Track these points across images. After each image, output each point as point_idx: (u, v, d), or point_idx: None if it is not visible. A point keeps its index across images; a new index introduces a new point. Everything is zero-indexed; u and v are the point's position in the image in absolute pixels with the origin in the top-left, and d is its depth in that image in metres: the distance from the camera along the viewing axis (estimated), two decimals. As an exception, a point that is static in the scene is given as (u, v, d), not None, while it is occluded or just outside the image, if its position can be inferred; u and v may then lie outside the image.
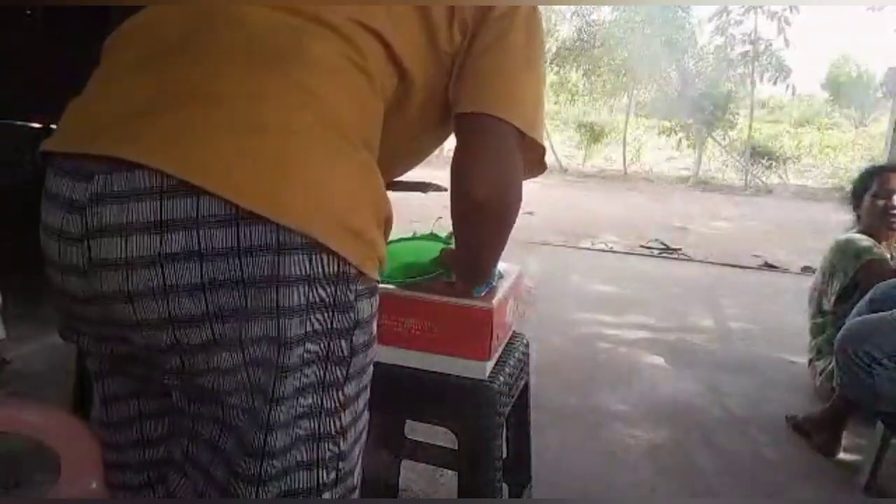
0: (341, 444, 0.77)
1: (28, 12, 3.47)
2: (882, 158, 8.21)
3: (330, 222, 0.70)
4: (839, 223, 2.94)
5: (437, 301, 1.15)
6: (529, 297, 3.99)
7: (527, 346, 1.43)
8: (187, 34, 0.76)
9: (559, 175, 14.29)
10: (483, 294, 1.17)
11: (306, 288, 0.69)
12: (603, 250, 6.22)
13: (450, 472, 1.86)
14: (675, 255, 6.17)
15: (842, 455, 2.18)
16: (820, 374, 2.71)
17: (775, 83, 15.57)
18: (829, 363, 2.55)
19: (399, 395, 1.22)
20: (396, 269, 1.18)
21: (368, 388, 0.83)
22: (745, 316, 4.13)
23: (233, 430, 0.74)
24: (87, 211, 0.69)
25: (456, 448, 1.24)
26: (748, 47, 15.05)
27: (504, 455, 1.36)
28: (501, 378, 1.20)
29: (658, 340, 3.48)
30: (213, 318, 0.69)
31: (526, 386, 1.44)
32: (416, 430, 1.74)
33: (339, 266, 0.71)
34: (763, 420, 2.52)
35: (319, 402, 0.73)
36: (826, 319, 2.74)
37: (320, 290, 0.71)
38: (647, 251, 6.29)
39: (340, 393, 0.75)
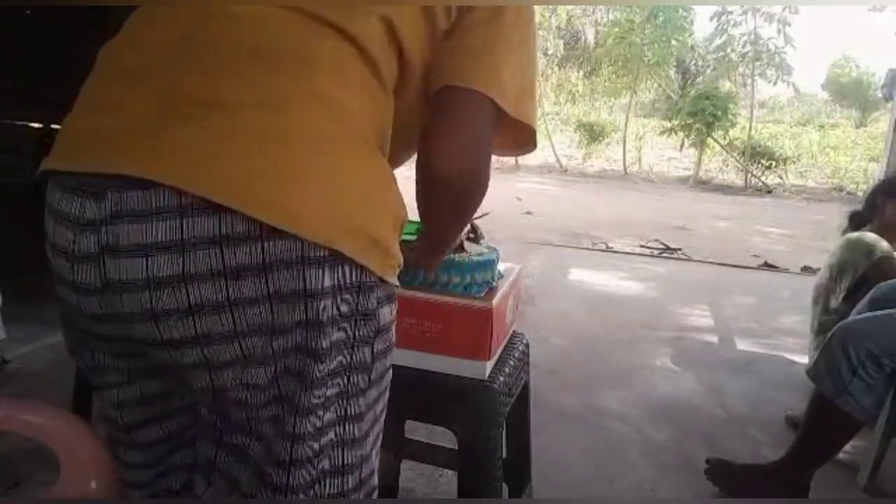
0: (365, 448, 0.78)
1: (28, 12, 3.47)
2: (882, 159, 8.19)
3: (352, 234, 0.70)
4: (840, 223, 2.93)
5: (437, 301, 1.15)
6: (529, 297, 3.99)
7: (527, 346, 1.43)
8: (187, 38, 0.73)
9: (559, 175, 14.29)
10: (483, 294, 1.17)
11: (332, 300, 0.69)
12: (603, 250, 6.22)
13: (450, 472, 1.86)
14: (675, 255, 6.16)
15: (842, 455, 2.17)
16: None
17: (776, 83, 15.57)
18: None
19: (399, 395, 1.21)
20: None
21: (388, 391, 0.84)
22: (745, 316, 4.12)
23: (261, 439, 0.74)
24: (102, 230, 0.67)
25: (456, 448, 1.24)
26: (749, 48, 15.03)
27: (504, 455, 1.36)
28: (501, 378, 1.20)
29: (658, 340, 3.48)
30: (241, 335, 0.68)
31: (526, 386, 1.44)
32: (416, 430, 1.74)
33: (361, 275, 0.71)
34: (763, 420, 2.52)
35: (344, 410, 0.74)
36: (832, 318, 2.71)
37: (344, 301, 0.71)
38: (647, 251, 6.29)
39: (363, 399, 0.76)
